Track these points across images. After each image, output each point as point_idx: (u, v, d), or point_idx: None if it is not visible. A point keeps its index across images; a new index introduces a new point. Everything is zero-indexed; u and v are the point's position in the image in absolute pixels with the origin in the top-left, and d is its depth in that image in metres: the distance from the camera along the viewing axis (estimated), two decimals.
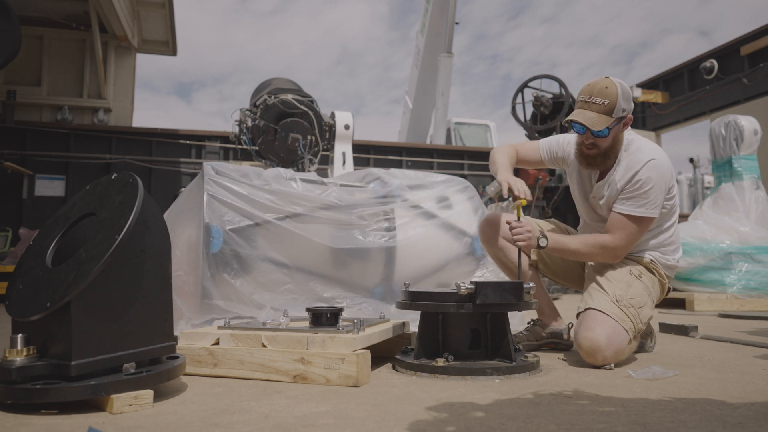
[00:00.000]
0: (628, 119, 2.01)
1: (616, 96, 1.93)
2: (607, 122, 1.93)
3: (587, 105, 1.96)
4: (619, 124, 1.98)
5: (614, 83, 1.95)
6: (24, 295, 1.39)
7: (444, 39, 10.04)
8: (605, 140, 1.99)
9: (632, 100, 2.01)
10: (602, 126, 1.93)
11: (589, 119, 1.94)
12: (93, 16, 7.15)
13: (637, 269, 2.08)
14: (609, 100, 1.92)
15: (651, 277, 2.10)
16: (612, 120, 1.94)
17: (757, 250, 4.42)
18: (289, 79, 6.11)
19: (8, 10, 3.32)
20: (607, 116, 1.93)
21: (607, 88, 1.94)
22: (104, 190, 1.54)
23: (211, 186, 2.51)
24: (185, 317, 2.38)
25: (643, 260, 2.11)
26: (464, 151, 8.87)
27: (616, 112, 1.93)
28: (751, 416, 1.26)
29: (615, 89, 1.93)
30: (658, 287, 2.12)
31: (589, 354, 1.87)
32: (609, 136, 1.98)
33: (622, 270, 2.07)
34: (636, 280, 2.04)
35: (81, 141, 7.15)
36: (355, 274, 2.68)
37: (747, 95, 7.82)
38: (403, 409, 1.35)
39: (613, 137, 2.00)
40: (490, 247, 2.34)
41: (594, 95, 1.95)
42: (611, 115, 1.93)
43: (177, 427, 1.20)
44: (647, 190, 1.95)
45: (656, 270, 2.11)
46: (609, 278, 2.04)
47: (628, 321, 1.92)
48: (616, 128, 1.99)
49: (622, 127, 2.02)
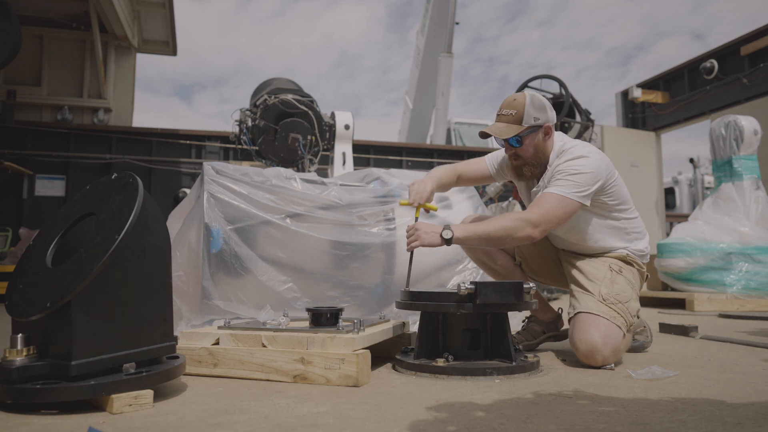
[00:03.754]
0: (547, 128, 2.04)
1: (523, 105, 1.99)
2: (516, 130, 1.98)
3: (498, 117, 2.05)
4: (534, 132, 2.02)
5: (524, 95, 2.02)
6: (24, 295, 1.39)
7: (444, 39, 10.03)
8: (524, 149, 2.04)
9: (548, 111, 2.04)
10: (510, 134, 1.98)
11: (496, 129, 2.01)
12: (93, 16, 7.15)
13: (616, 264, 2.09)
14: (516, 110, 1.99)
15: (630, 269, 2.11)
16: (522, 128, 1.99)
17: (757, 250, 4.43)
18: (289, 79, 6.10)
19: (8, 9, 3.32)
20: (516, 125, 1.99)
21: (515, 99, 2.02)
22: (104, 190, 1.54)
23: (211, 186, 2.50)
24: (185, 317, 2.38)
25: (620, 254, 2.13)
26: (464, 151, 8.87)
27: (525, 121, 1.99)
28: (751, 416, 1.26)
29: (522, 100, 2.00)
30: (638, 277, 2.14)
31: (588, 356, 1.87)
32: (526, 145, 2.03)
33: (602, 268, 2.08)
34: (618, 276, 2.05)
35: (81, 141, 7.15)
36: (355, 274, 2.68)
37: (747, 95, 7.81)
38: (403, 409, 1.35)
39: (532, 146, 2.03)
40: (471, 253, 2.38)
41: (503, 108, 2.03)
42: (521, 124, 1.99)
43: (177, 427, 1.20)
44: (575, 173, 1.94)
45: (633, 261, 2.13)
46: (591, 278, 2.05)
47: (619, 317, 1.93)
48: (532, 136, 2.03)
49: (542, 137, 2.04)
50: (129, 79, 8.25)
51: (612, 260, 2.11)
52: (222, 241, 2.43)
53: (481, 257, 2.35)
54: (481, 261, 2.37)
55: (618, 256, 2.12)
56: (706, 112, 8.49)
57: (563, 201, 1.92)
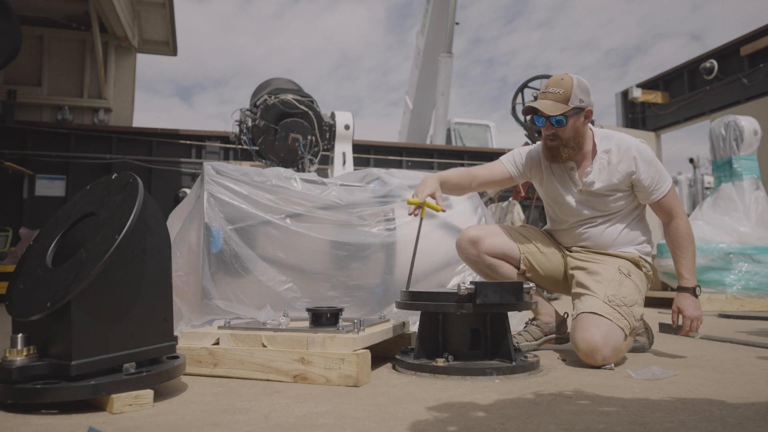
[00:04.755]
0: (589, 112, 2.06)
1: (572, 86, 2.00)
2: (562, 109, 1.99)
3: (544, 95, 2.05)
4: (578, 114, 2.03)
5: (570, 76, 2.03)
6: (24, 295, 1.39)
7: (444, 39, 10.04)
8: (565, 130, 2.03)
9: (591, 95, 2.07)
10: (558, 111, 1.99)
11: (543, 105, 2.01)
12: (93, 16, 7.15)
13: (626, 267, 2.08)
14: (564, 89, 2.00)
15: (639, 273, 2.11)
16: (568, 108, 2.00)
17: (757, 250, 4.43)
18: (289, 80, 6.10)
19: (8, 10, 3.32)
20: (562, 104, 2.00)
21: (563, 79, 2.02)
22: (104, 190, 1.54)
23: (211, 186, 2.50)
24: (185, 317, 2.38)
25: (631, 256, 2.13)
26: (464, 151, 8.87)
27: (572, 101, 2.00)
28: (751, 416, 1.26)
29: (570, 80, 2.02)
30: (645, 282, 2.14)
31: (588, 355, 1.87)
32: (568, 126, 2.03)
33: (611, 269, 2.06)
34: (626, 279, 2.04)
35: (81, 141, 7.15)
36: (355, 274, 2.68)
37: (747, 95, 7.81)
38: (404, 409, 1.35)
39: (573, 128, 2.04)
40: (476, 265, 2.28)
41: (550, 86, 2.04)
42: (567, 104, 2.00)
43: (177, 427, 1.20)
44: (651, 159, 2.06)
45: (643, 265, 2.13)
46: (598, 279, 2.04)
47: (622, 319, 1.93)
48: (575, 118, 2.03)
49: (583, 120, 2.06)
50: (129, 79, 8.25)
51: (622, 262, 2.10)
52: (222, 241, 2.43)
53: (484, 269, 2.26)
54: (485, 273, 2.27)
55: (629, 258, 2.12)
56: (706, 112, 8.49)
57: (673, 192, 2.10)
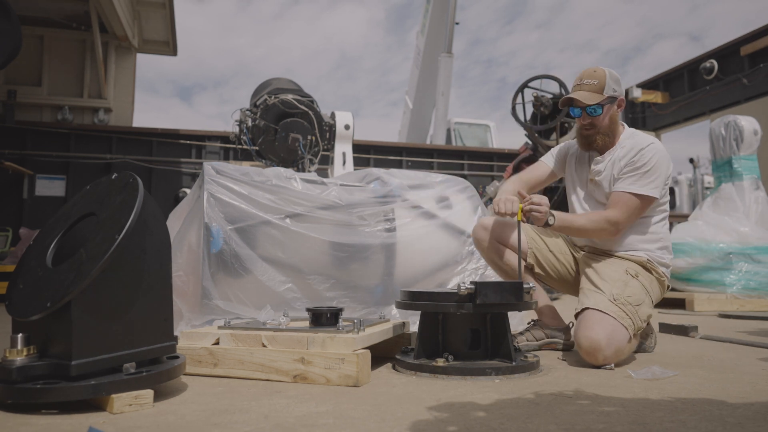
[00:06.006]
0: (621, 101, 2.17)
1: (605, 76, 2.12)
2: (599, 99, 2.09)
3: (579, 87, 2.15)
4: (611, 104, 2.13)
5: (602, 68, 2.16)
6: (24, 295, 1.39)
7: (444, 39, 10.03)
8: (601, 119, 2.13)
9: (622, 85, 2.17)
10: (594, 101, 2.08)
11: (581, 96, 2.10)
12: (93, 16, 7.15)
13: (633, 269, 2.08)
14: (598, 80, 2.11)
15: (648, 275, 2.10)
16: (604, 97, 2.10)
17: (757, 250, 4.42)
18: (289, 80, 6.10)
19: (8, 10, 3.32)
20: (598, 94, 2.10)
21: (596, 71, 2.14)
22: (104, 190, 1.54)
23: (211, 186, 2.50)
24: (185, 317, 2.38)
25: (640, 259, 2.12)
26: (464, 151, 8.86)
27: (606, 90, 2.10)
28: (751, 416, 1.26)
29: (603, 71, 2.13)
30: (657, 286, 2.12)
31: (590, 353, 1.87)
32: (604, 114, 2.12)
33: (618, 270, 2.07)
34: (632, 279, 2.04)
35: (81, 141, 7.15)
36: (355, 274, 2.68)
37: (747, 95, 7.81)
38: (404, 409, 1.35)
39: (608, 116, 2.13)
40: (485, 252, 2.35)
41: (584, 78, 2.15)
42: (602, 93, 2.10)
43: (177, 427, 1.20)
44: (650, 168, 2.06)
45: (653, 269, 2.12)
46: (605, 278, 2.04)
47: (627, 318, 1.92)
48: (609, 107, 2.14)
49: (616, 109, 2.16)
50: (129, 79, 8.25)
51: (630, 264, 2.10)
52: (222, 241, 2.43)
53: (491, 256, 2.32)
54: (492, 260, 2.34)
55: (637, 260, 2.12)
56: (706, 112, 8.49)
57: (640, 198, 2.06)
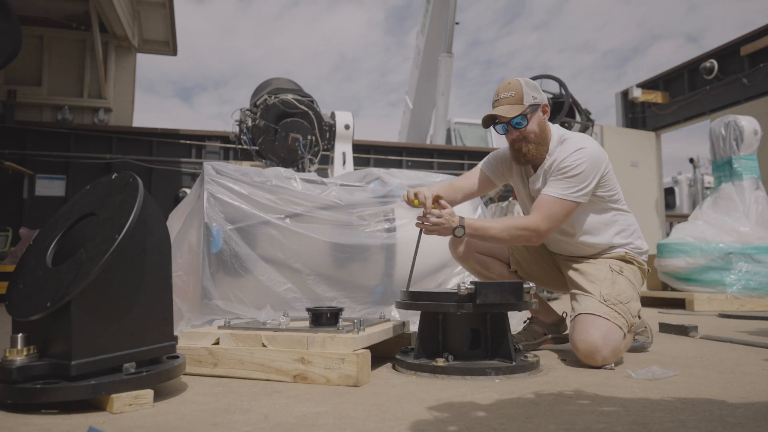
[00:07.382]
0: (545, 107, 2.10)
1: (521, 86, 2.05)
2: (520, 110, 2.02)
3: (498, 102, 2.08)
4: (534, 111, 2.06)
5: (516, 78, 2.09)
6: (24, 295, 1.39)
7: (444, 39, 10.03)
8: (529, 129, 2.05)
9: (540, 90, 2.11)
10: (516, 113, 2.01)
11: (502, 110, 2.04)
12: (93, 16, 7.15)
13: (617, 264, 2.10)
14: (515, 91, 2.04)
15: (631, 268, 2.12)
16: (525, 107, 2.02)
17: (757, 250, 4.42)
18: (289, 79, 6.10)
19: (8, 10, 3.32)
20: (518, 105, 2.03)
21: (510, 83, 2.07)
22: (104, 190, 1.54)
23: (211, 186, 2.51)
24: (185, 317, 2.38)
25: (618, 254, 2.13)
26: (464, 151, 8.86)
27: (526, 99, 2.03)
28: (751, 416, 1.26)
29: (518, 81, 2.07)
30: (639, 276, 2.14)
31: (588, 356, 1.88)
32: (530, 124, 2.05)
33: (602, 268, 2.08)
34: (618, 276, 2.05)
35: (81, 141, 7.15)
36: (356, 274, 2.68)
37: (747, 95, 7.80)
38: (404, 409, 1.35)
39: (536, 124, 2.06)
40: (465, 263, 2.37)
41: (501, 92, 2.08)
42: (522, 103, 2.03)
43: (177, 427, 1.20)
44: (575, 174, 1.98)
45: (633, 259, 2.14)
46: (591, 279, 2.06)
47: (620, 318, 1.93)
48: (533, 115, 2.05)
49: (542, 115, 2.09)
50: (129, 79, 8.25)
51: (612, 261, 2.11)
52: (222, 241, 2.43)
53: (475, 266, 2.34)
54: (476, 270, 2.35)
55: (617, 256, 2.13)
56: (706, 112, 8.48)
57: (563, 203, 1.97)
